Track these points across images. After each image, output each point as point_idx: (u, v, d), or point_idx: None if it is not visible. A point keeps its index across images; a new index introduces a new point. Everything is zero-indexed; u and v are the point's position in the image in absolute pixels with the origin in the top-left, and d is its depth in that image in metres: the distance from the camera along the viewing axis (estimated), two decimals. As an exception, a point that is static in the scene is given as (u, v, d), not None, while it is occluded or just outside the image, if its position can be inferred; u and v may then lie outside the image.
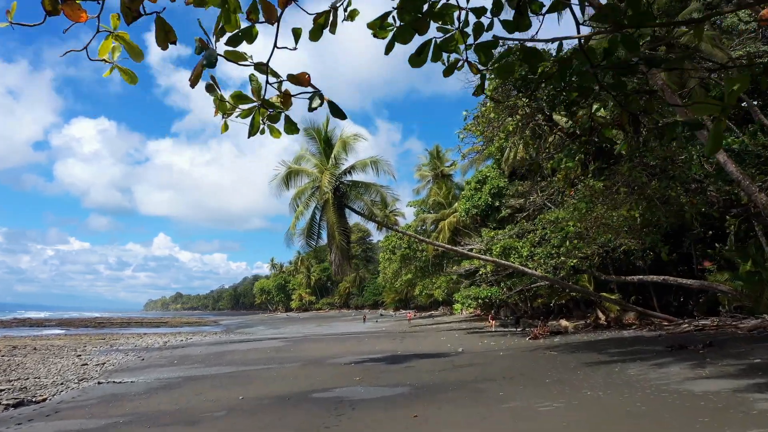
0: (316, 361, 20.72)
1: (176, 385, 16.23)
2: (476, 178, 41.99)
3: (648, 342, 17.36)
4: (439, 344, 25.44)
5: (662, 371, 11.15)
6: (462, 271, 31.95)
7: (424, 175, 57.70)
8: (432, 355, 19.96)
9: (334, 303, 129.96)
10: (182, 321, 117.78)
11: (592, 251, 23.09)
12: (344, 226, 19.24)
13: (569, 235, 20.10)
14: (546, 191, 25.72)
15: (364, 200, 19.90)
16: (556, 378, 11.70)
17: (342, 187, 20.19)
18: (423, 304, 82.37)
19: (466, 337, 29.19)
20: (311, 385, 13.93)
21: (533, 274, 21.01)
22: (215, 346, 33.44)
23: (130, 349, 34.65)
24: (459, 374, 13.86)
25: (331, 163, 19.73)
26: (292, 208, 19.97)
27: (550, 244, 24.07)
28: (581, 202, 12.79)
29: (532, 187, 29.50)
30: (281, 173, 20.03)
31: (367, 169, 20.33)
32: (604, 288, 36.87)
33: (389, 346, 25.37)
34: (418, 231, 53.95)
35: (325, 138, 20.14)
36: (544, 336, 23.60)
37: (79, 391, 16.69)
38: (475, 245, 30.02)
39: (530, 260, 23.89)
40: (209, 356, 26.27)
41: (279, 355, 24.32)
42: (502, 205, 39.14)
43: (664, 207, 11.99)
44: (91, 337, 51.59)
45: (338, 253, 18.42)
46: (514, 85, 13.77)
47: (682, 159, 12.37)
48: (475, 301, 30.12)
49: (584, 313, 41.02)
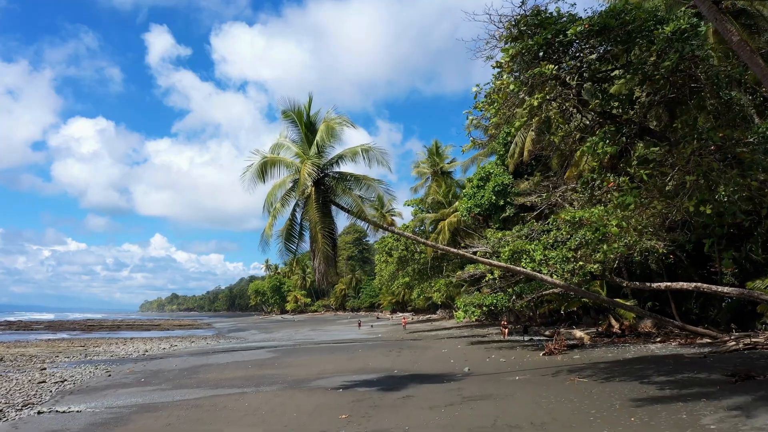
0: (299, 382, 17.91)
1: (123, 420, 13.39)
2: (479, 175, 39.22)
3: (696, 365, 14.56)
4: (441, 359, 22.66)
5: (753, 423, 8.22)
6: (466, 276, 29.12)
7: (422, 172, 54.80)
8: (434, 377, 17.17)
9: (329, 305, 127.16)
10: (175, 324, 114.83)
11: (615, 254, 20.29)
12: (329, 226, 16.18)
13: (607, 235, 17.36)
14: (560, 187, 22.93)
15: (353, 196, 16.86)
16: (605, 429, 8.91)
17: (327, 180, 17.24)
18: (421, 307, 79.72)
19: (470, 350, 26.40)
20: (284, 429, 11.11)
21: (551, 281, 18.15)
22: (195, 357, 30.63)
23: (103, 360, 31.82)
24: (471, 414, 11.04)
25: (314, 151, 16.75)
26: (268, 205, 17.04)
27: (565, 247, 21.27)
28: (626, 195, 10.03)
29: (544, 182, 26.80)
30: (255, 164, 16.95)
31: (358, 158, 17.19)
32: (616, 293, 34.22)
33: (384, 363, 22.57)
34: (416, 232, 51.13)
35: (307, 122, 17.09)
36: (560, 351, 20.83)
37: (10, 426, 13.85)
38: (480, 248, 27.25)
39: (544, 265, 21.08)
40: (183, 372, 23.45)
41: (260, 372, 21.49)
42: (507, 203, 36.37)
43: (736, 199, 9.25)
44: (70, 344, 48.88)
45: (322, 259, 15.36)
46: (540, 49, 11.00)
47: (755, 139, 9.63)
48: (478, 308, 27.30)
49: (595, 320, 38.29)
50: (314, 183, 16.44)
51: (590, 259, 20.90)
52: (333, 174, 17.46)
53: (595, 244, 20.77)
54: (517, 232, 26.41)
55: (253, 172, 16.60)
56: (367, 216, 16.28)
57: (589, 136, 11.26)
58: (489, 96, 12.41)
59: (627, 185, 10.30)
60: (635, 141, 11.61)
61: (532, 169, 37.12)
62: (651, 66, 10.99)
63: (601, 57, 11.87)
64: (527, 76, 10.84)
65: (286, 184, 17.02)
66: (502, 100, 11.47)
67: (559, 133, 11.79)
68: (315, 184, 16.46)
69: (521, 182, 36.52)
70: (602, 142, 11.17)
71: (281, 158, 16.95)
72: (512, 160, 36.64)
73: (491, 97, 12.27)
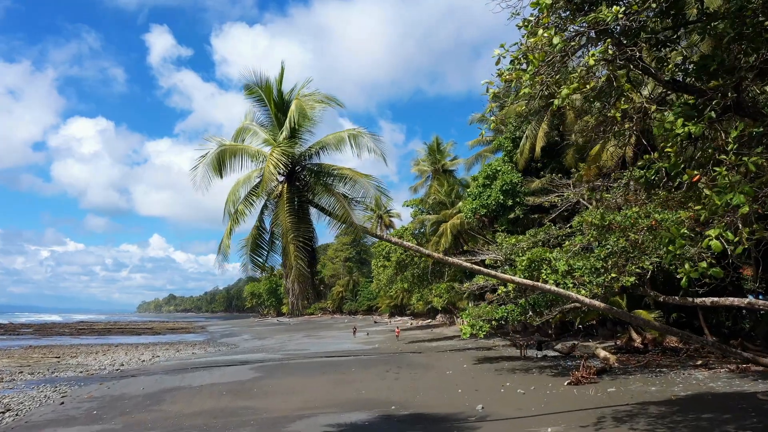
0: (274, 425, 14.63)
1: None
2: (484, 173, 35.93)
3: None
4: (446, 386, 19.38)
5: None
6: (474, 287, 25.77)
7: (422, 170, 51.37)
8: (440, 419, 13.89)
9: (326, 308, 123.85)
10: (168, 327, 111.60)
11: (651, 263, 17.14)
12: (304, 234, 12.33)
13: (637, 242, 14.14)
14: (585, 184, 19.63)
15: (337, 195, 13.12)
16: None
17: (304, 174, 13.62)
18: (420, 311, 76.45)
19: (478, 372, 23.11)
20: None
21: (590, 303, 14.79)
22: (169, 377, 27.35)
23: (68, 379, 28.61)
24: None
25: (285, 136, 12.95)
26: (229, 207, 13.34)
27: (594, 257, 18.04)
28: (729, 193, 6.79)
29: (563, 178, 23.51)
30: (210, 154, 13.00)
31: (344, 147, 13.45)
32: (636, 303, 31.05)
33: (380, 391, 19.31)
34: (416, 234, 47.78)
35: (278, 101, 13.21)
36: (588, 379, 17.55)
37: None
38: (489, 254, 23.97)
39: (568, 277, 17.82)
40: (146, 401, 20.18)
41: (232, 404, 18.19)
42: (517, 203, 33.09)
43: None
44: (45, 355, 45.74)
45: (295, 278, 11.71)
46: None
47: None
48: (487, 323, 24.02)
49: (612, 332, 34.98)
50: (286, 178, 12.99)
51: (624, 270, 17.69)
52: (311, 167, 13.84)
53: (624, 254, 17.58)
54: (531, 236, 23.12)
55: (208, 164, 13.03)
56: (353, 220, 12.68)
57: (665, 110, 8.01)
58: (517, 61, 9.11)
59: (728, 178, 7.04)
60: (725, 118, 8.36)
61: (544, 166, 33.87)
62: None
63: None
64: (578, 23, 7.60)
65: (251, 180, 13.46)
66: (540, 60, 8.18)
67: (620, 106, 8.48)
68: (288, 179, 12.99)
69: (532, 181, 33.29)
70: (682, 119, 7.91)
71: (244, 146, 13.30)
72: (522, 157, 33.36)
73: (521, 61, 8.98)
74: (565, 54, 8.44)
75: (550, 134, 31.92)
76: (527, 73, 8.42)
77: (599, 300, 17.64)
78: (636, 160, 22.74)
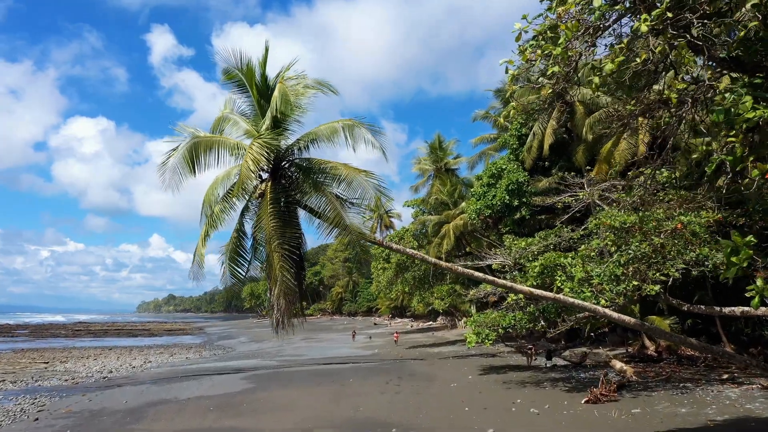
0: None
1: None
2: (489, 171, 34.34)
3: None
4: (451, 403, 17.87)
5: None
6: (481, 294, 24.21)
7: (424, 169, 49.73)
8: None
9: (325, 309, 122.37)
10: (165, 328, 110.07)
11: (677, 269, 15.69)
12: (291, 241, 10.66)
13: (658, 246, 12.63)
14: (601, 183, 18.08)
15: (329, 195, 11.43)
16: None
17: (291, 171, 12.02)
18: (420, 313, 75.00)
19: (484, 385, 21.59)
20: None
21: (618, 318, 13.24)
22: (157, 387, 25.85)
23: (51, 388, 27.12)
24: None
25: (267, 126, 11.12)
26: (206, 209, 11.69)
27: (613, 262, 16.49)
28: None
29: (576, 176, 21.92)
30: (181, 147, 11.12)
31: (338, 139, 11.55)
32: (650, 309, 29.55)
33: (380, 406, 17.79)
34: (417, 235, 46.21)
35: (262, 86, 11.30)
36: (608, 397, 16.00)
37: None
38: (497, 258, 22.41)
39: (586, 285, 16.28)
40: (127, 417, 18.66)
41: (216, 424, 16.65)
42: (523, 204, 31.55)
43: None
44: (34, 359, 44.31)
45: (280, 292, 10.04)
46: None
47: None
48: (494, 331, 22.47)
49: (622, 338, 33.42)
50: (270, 175, 11.32)
51: (647, 278, 16.15)
52: (300, 162, 12.07)
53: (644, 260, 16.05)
54: (542, 239, 21.54)
55: (179, 159, 11.35)
56: (347, 223, 10.99)
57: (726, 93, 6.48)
58: (541, 35, 7.59)
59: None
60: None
61: (552, 164, 32.32)
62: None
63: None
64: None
65: (231, 177, 11.81)
66: (574, 30, 6.65)
67: (676, 86, 6.95)
68: (272, 177, 11.32)
69: (539, 180, 31.74)
70: (751, 100, 6.40)
71: (221, 138, 11.52)
72: (529, 155, 31.80)
73: (548, 36, 7.45)
74: (606, 24, 6.91)
75: (558, 131, 30.40)
76: (559, 47, 6.87)
77: (617, 309, 16.13)
78: (652, 158, 21.24)
